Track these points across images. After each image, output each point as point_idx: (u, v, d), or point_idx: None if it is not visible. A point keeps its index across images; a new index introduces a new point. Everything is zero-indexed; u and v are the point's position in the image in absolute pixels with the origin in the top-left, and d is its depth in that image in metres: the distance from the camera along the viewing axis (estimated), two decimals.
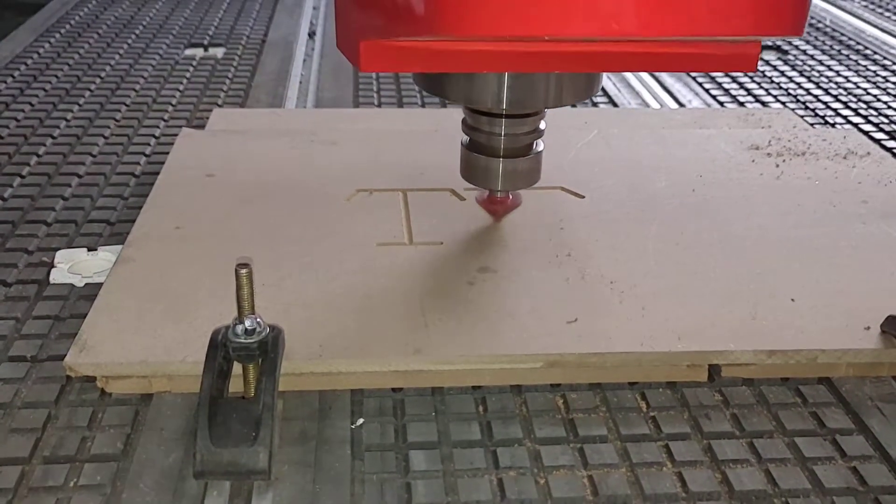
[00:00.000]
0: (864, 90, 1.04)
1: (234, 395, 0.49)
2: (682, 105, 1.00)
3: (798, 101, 1.01)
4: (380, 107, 0.98)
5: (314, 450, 0.49)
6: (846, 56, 1.17)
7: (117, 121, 0.92)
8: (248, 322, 0.47)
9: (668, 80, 1.07)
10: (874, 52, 1.19)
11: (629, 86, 1.06)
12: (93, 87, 1.01)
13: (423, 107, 0.97)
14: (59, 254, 0.66)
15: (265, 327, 0.48)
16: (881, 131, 0.92)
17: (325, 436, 0.50)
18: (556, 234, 0.66)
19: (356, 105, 0.99)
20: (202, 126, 0.88)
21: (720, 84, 1.05)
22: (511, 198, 0.68)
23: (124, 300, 0.57)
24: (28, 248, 0.67)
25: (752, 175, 0.77)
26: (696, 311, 0.57)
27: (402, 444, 0.49)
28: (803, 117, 0.94)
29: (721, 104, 1.00)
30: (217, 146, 0.80)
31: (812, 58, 1.16)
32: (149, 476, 0.47)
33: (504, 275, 0.61)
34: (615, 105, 1.00)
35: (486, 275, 0.61)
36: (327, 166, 0.76)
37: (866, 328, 0.56)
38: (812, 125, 0.93)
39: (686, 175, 0.76)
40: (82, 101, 0.97)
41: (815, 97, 1.02)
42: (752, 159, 0.79)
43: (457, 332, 0.55)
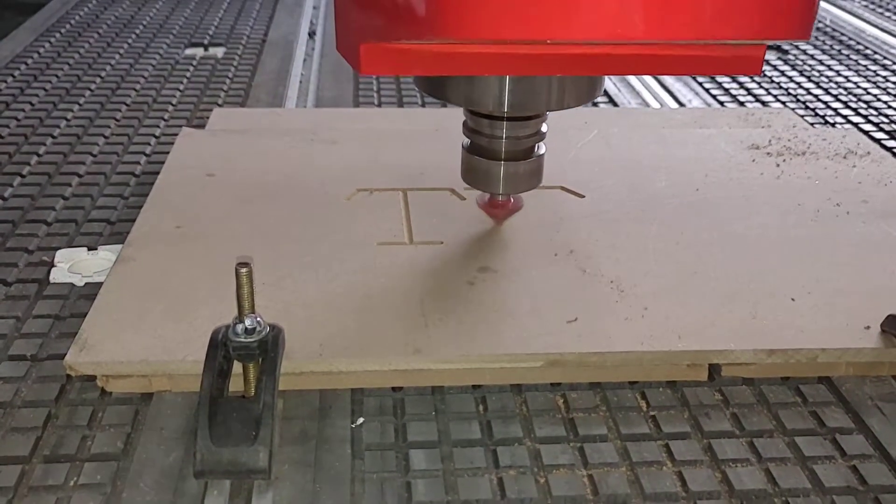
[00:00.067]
0: (865, 90, 1.04)
1: (234, 394, 0.49)
2: (682, 105, 1.00)
3: (798, 100, 1.01)
4: (380, 106, 0.98)
5: (314, 449, 0.49)
6: (846, 56, 1.17)
7: (118, 120, 0.92)
8: (248, 321, 0.47)
9: (669, 80, 1.07)
10: (874, 52, 1.19)
11: (629, 85, 1.06)
12: (93, 86, 1.01)
13: (424, 106, 0.97)
14: (59, 253, 0.66)
15: (265, 326, 0.48)
16: (881, 131, 0.92)
17: (326, 435, 0.50)
18: (556, 234, 0.66)
19: (356, 105, 0.99)
20: (202, 126, 0.88)
21: (720, 84, 1.05)
22: (512, 201, 0.68)
23: (124, 299, 0.57)
24: (28, 248, 0.67)
25: (752, 175, 0.77)
26: (696, 310, 0.57)
27: (402, 443, 0.49)
28: (803, 117, 0.94)
29: (721, 104, 1.00)
30: (217, 146, 0.80)
31: (812, 57, 1.16)
32: (149, 475, 0.47)
33: (504, 274, 0.61)
34: (615, 105, 1.00)
35: (486, 274, 0.61)
36: (327, 166, 0.76)
37: (866, 327, 0.56)
38: (812, 125, 0.93)
39: (686, 175, 0.76)
40: (82, 100, 0.97)
41: (816, 97, 1.02)
42: (752, 159, 0.79)
43: (457, 332, 0.55)
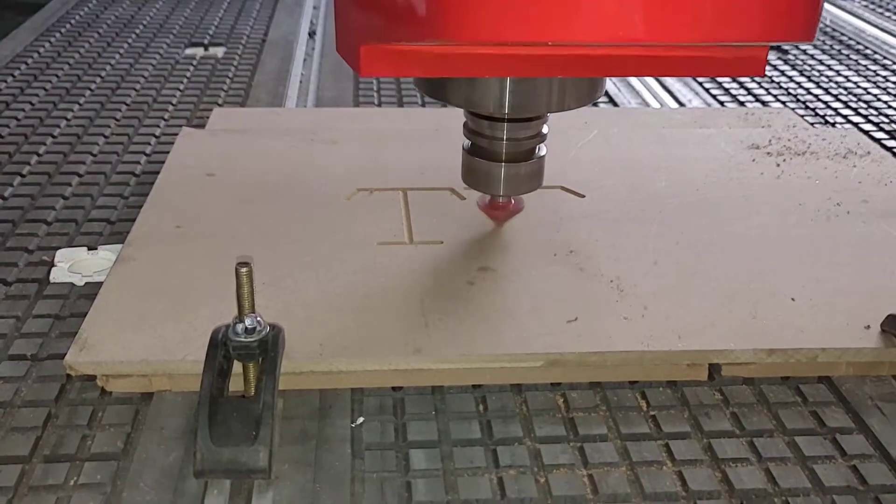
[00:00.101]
0: (865, 90, 1.04)
1: (234, 393, 0.49)
2: (682, 104, 1.00)
3: (798, 100, 1.01)
4: (380, 106, 0.98)
5: (314, 448, 0.49)
6: (846, 56, 1.17)
7: (118, 120, 0.92)
8: (248, 321, 0.47)
9: (669, 80, 1.07)
10: (874, 52, 1.19)
11: (629, 85, 1.06)
12: (93, 86, 1.01)
13: (424, 106, 0.97)
14: (59, 253, 0.66)
15: (265, 326, 0.48)
16: (881, 131, 0.92)
17: (326, 434, 0.50)
18: (556, 234, 0.66)
19: (356, 104, 0.99)
20: (202, 125, 0.88)
21: (720, 83, 1.05)
22: (513, 203, 0.67)
23: (124, 299, 0.57)
24: (28, 247, 0.67)
25: (752, 174, 0.77)
26: (696, 310, 0.57)
27: (402, 442, 0.49)
28: (803, 117, 0.94)
29: (721, 104, 1.00)
30: (217, 145, 0.80)
31: (812, 57, 1.16)
32: (149, 475, 0.47)
33: (504, 274, 0.61)
34: (615, 105, 1.00)
35: (486, 274, 0.61)
36: (327, 166, 0.76)
37: (866, 327, 0.56)
38: (812, 125, 0.93)
39: (686, 175, 0.76)
40: (83, 100, 0.97)
41: (816, 97, 1.02)
42: (752, 159, 0.79)
43: (457, 332, 0.55)
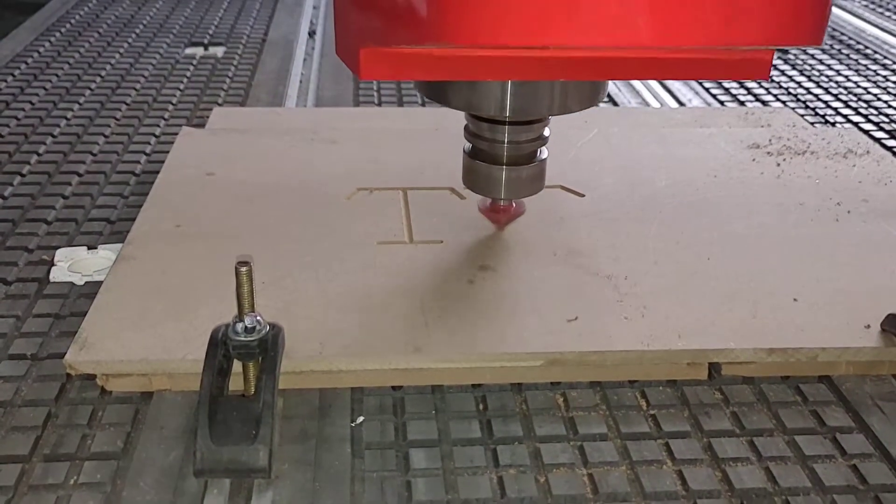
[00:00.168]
0: (865, 89, 1.04)
1: (234, 393, 0.49)
2: (682, 104, 1.00)
3: (798, 100, 1.01)
4: (380, 106, 0.98)
5: (314, 448, 0.49)
6: (846, 55, 1.17)
7: (118, 119, 0.92)
8: (248, 320, 0.47)
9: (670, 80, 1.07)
10: (874, 52, 1.19)
11: (629, 85, 1.06)
12: (93, 85, 1.01)
13: (424, 106, 0.97)
14: (59, 252, 0.66)
15: (265, 325, 0.48)
16: (881, 130, 0.92)
17: (325, 434, 0.50)
18: (556, 233, 0.66)
19: (356, 104, 0.99)
20: (202, 125, 0.88)
21: (720, 83, 1.05)
22: (514, 206, 0.67)
23: (124, 298, 0.57)
24: (28, 247, 0.67)
25: (752, 174, 0.77)
26: (696, 309, 0.57)
27: (402, 442, 0.49)
28: (803, 116, 0.94)
29: (721, 103, 1.00)
30: (217, 145, 0.80)
31: (812, 57, 1.16)
32: (149, 474, 0.47)
33: (504, 273, 0.61)
34: (615, 104, 1.00)
35: (486, 273, 0.61)
36: (327, 165, 0.76)
37: (866, 327, 0.56)
38: (812, 124, 0.93)
39: (686, 174, 0.76)
40: (83, 99, 0.97)
41: (816, 96, 1.02)
42: (752, 158, 0.79)
43: (457, 331, 0.55)
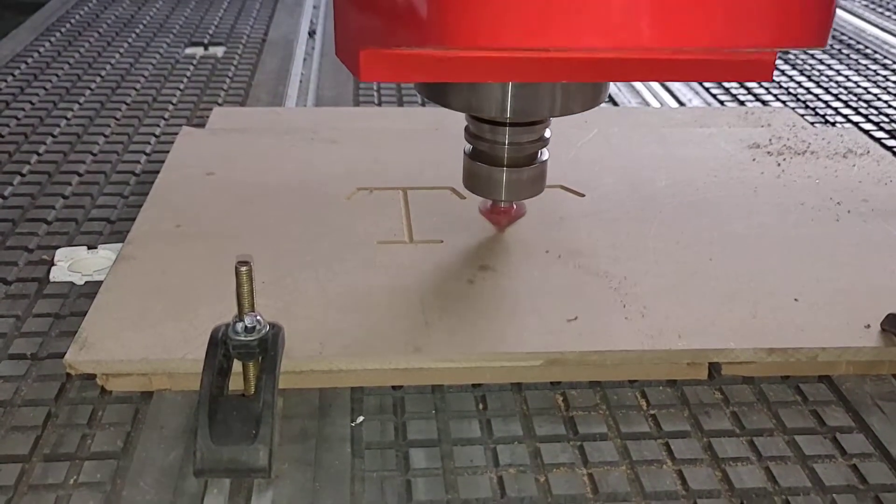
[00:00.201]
0: (865, 89, 1.04)
1: (234, 392, 0.49)
2: (682, 104, 1.00)
3: (798, 100, 1.01)
4: (380, 105, 0.98)
5: (314, 448, 0.49)
6: (846, 55, 1.17)
7: (118, 119, 0.92)
8: (248, 320, 0.47)
9: None
10: (874, 52, 1.19)
11: (629, 84, 1.06)
12: (93, 85, 1.01)
13: (424, 105, 0.97)
14: (59, 252, 0.66)
15: (265, 325, 0.48)
16: (881, 130, 0.92)
17: (325, 434, 0.50)
18: (556, 233, 0.66)
19: (356, 104, 0.99)
20: (202, 125, 0.88)
21: (720, 83, 1.05)
22: (515, 208, 0.66)
23: (124, 298, 0.57)
24: (28, 246, 0.67)
25: (752, 174, 0.77)
26: (696, 309, 0.57)
27: (402, 441, 0.49)
28: (803, 116, 0.94)
29: (721, 103, 1.00)
30: (217, 145, 0.80)
31: (812, 56, 1.16)
32: (149, 474, 0.47)
33: (504, 273, 0.61)
34: (615, 104, 1.00)
35: (486, 273, 0.61)
36: (327, 165, 0.76)
37: (866, 326, 0.56)
38: (812, 124, 0.93)
39: (686, 174, 0.76)
40: (83, 99, 0.97)
41: (816, 96, 1.02)
42: (752, 158, 0.79)
43: (457, 331, 0.55)
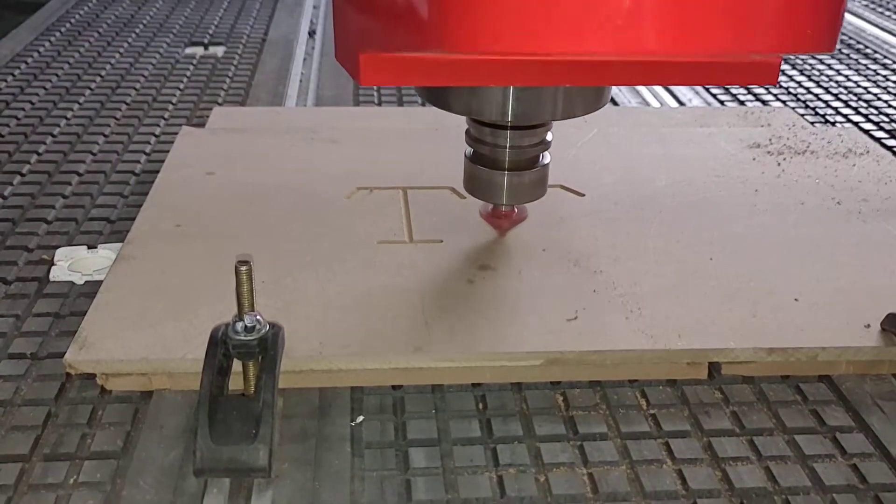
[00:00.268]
0: (865, 89, 1.04)
1: (234, 392, 0.49)
2: (682, 103, 1.00)
3: (798, 99, 1.01)
4: (380, 105, 0.98)
5: (314, 447, 0.49)
6: (846, 55, 1.17)
7: (117, 119, 0.92)
8: (247, 319, 0.47)
9: None
10: (874, 52, 1.19)
11: None
12: (93, 85, 1.01)
13: (424, 105, 0.97)
14: (59, 251, 0.66)
15: (265, 325, 0.48)
16: (881, 130, 0.92)
17: (325, 433, 0.50)
18: (556, 233, 0.66)
19: (356, 103, 0.99)
20: (202, 124, 0.88)
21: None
22: (516, 211, 0.66)
23: (124, 298, 0.57)
24: (28, 246, 0.67)
25: (752, 173, 0.77)
26: (696, 308, 0.57)
27: (402, 441, 0.49)
28: (803, 116, 0.94)
29: (721, 103, 1.00)
30: (217, 144, 0.80)
31: (812, 56, 1.16)
32: (149, 473, 0.47)
33: (504, 273, 0.61)
34: (615, 103, 1.00)
35: (486, 273, 0.61)
36: (327, 165, 0.76)
37: (866, 326, 0.56)
38: (812, 124, 0.93)
39: (686, 174, 0.76)
40: (82, 99, 0.97)
41: (816, 96, 1.02)
42: (752, 158, 0.79)
43: (457, 330, 0.55)
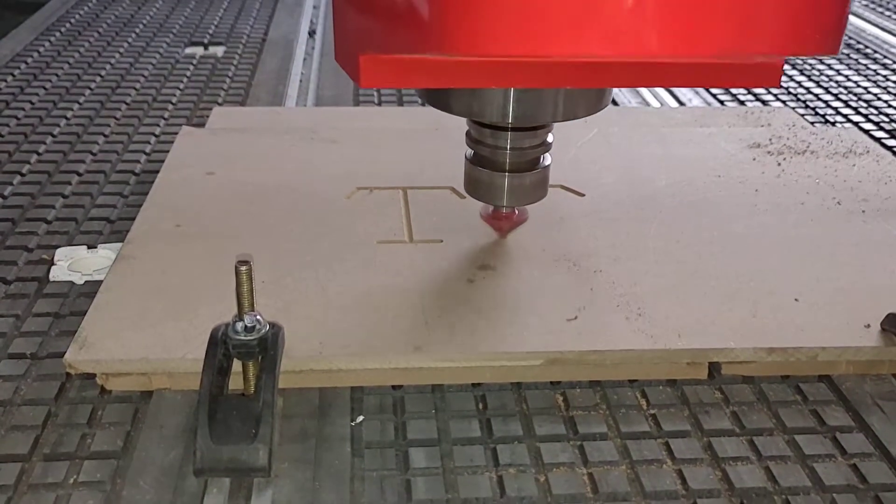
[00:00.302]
0: (865, 89, 1.04)
1: (234, 392, 0.49)
2: (682, 103, 1.00)
3: (798, 99, 1.01)
4: (380, 105, 0.98)
5: (314, 447, 0.49)
6: (846, 55, 1.17)
7: (117, 119, 0.92)
8: (247, 319, 0.47)
9: None
10: (874, 52, 1.19)
11: None
12: (93, 85, 1.01)
13: (424, 105, 0.97)
14: (59, 251, 0.66)
15: (265, 325, 0.48)
16: (881, 130, 0.92)
17: (325, 433, 0.50)
18: (556, 233, 0.66)
19: (356, 103, 0.99)
20: (202, 124, 0.88)
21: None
22: (517, 213, 0.66)
23: (124, 298, 0.57)
24: (28, 246, 0.67)
25: (752, 173, 0.77)
26: (696, 308, 0.57)
27: (401, 441, 0.49)
28: (803, 116, 0.94)
29: (721, 103, 1.00)
30: (217, 144, 0.80)
31: (812, 56, 1.15)
32: (149, 473, 0.47)
33: (504, 273, 0.61)
34: (615, 103, 1.00)
35: (486, 273, 0.61)
36: (327, 164, 0.76)
37: (866, 326, 0.56)
38: (812, 123, 0.93)
39: (686, 174, 0.76)
40: (82, 99, 0.97)
41: (816, 96, 1.02)
42: (752, 157, 0.79)
43: (457, 330, 0.55)
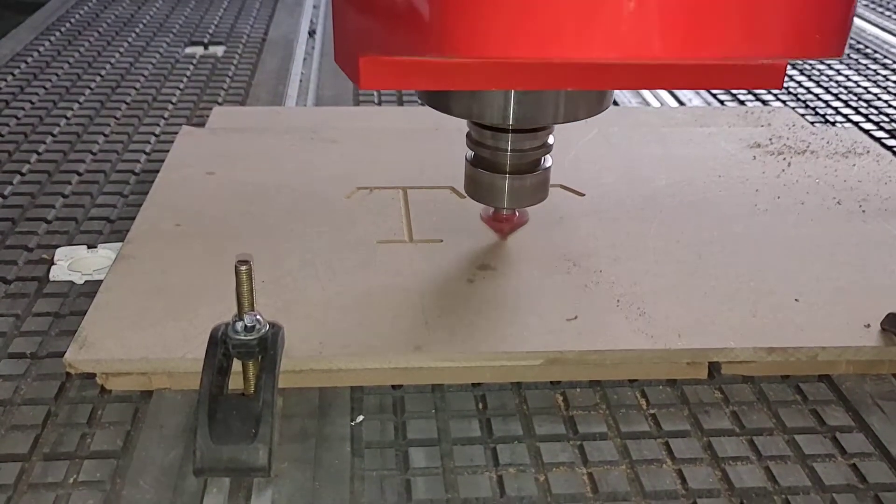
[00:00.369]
0: (865, 89, 1.04)
1: (233, 392, 0.49)
2: (682, 103, 1.00)
3: (798, 99, 1.01)
4: (380, 105, 0.98)
5: (314, 447, 0.49)
6: (846, 55, 1.17)
7: (117, 119, 0.92)
8: (247, 319, 0.47)
9: None
10: (875, 52, 1.19)
11: None
12: (93, 85, 1.01)
13: (424, 105, 0.97)
14: (59, 251, 0.66)
15: (265, 324, 0.48)
16: (881, 130, 0.92)
17: (325, 433, 0.50)
18: (556, 232, 0.66)
19: (356, 103, 0.99)
20: (202, 124, 0.88)
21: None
22: (517, 215, 0.65)
23: (124, 297, 0.57)
24: (28, 246, 0.67)
25: (752, 173, 0.77)
26: (696, 308, 0.57)
27: (401, 441, 0.49)
28: (803, 116, 0.94)
29: (721, 102, 1.00)
30: (217, 144, 0.80)
31: (817, 59, 1.15)
32: (148, 473, 0.47)
33: (504, 272, 0.61)
34: (615, 103, 1.00)
35: (485, 272, 0.61)
36: (327, 164, 0.76)
37: (866, 326, 0.56)
38: (812, 123, 0.93)
39: (686, 173, 0.76)
40: (82, 99, 0.97)
41: (816, 96, 1.02)
42: (752, 157, 0.79)
43: (456, 330, 0.55)
